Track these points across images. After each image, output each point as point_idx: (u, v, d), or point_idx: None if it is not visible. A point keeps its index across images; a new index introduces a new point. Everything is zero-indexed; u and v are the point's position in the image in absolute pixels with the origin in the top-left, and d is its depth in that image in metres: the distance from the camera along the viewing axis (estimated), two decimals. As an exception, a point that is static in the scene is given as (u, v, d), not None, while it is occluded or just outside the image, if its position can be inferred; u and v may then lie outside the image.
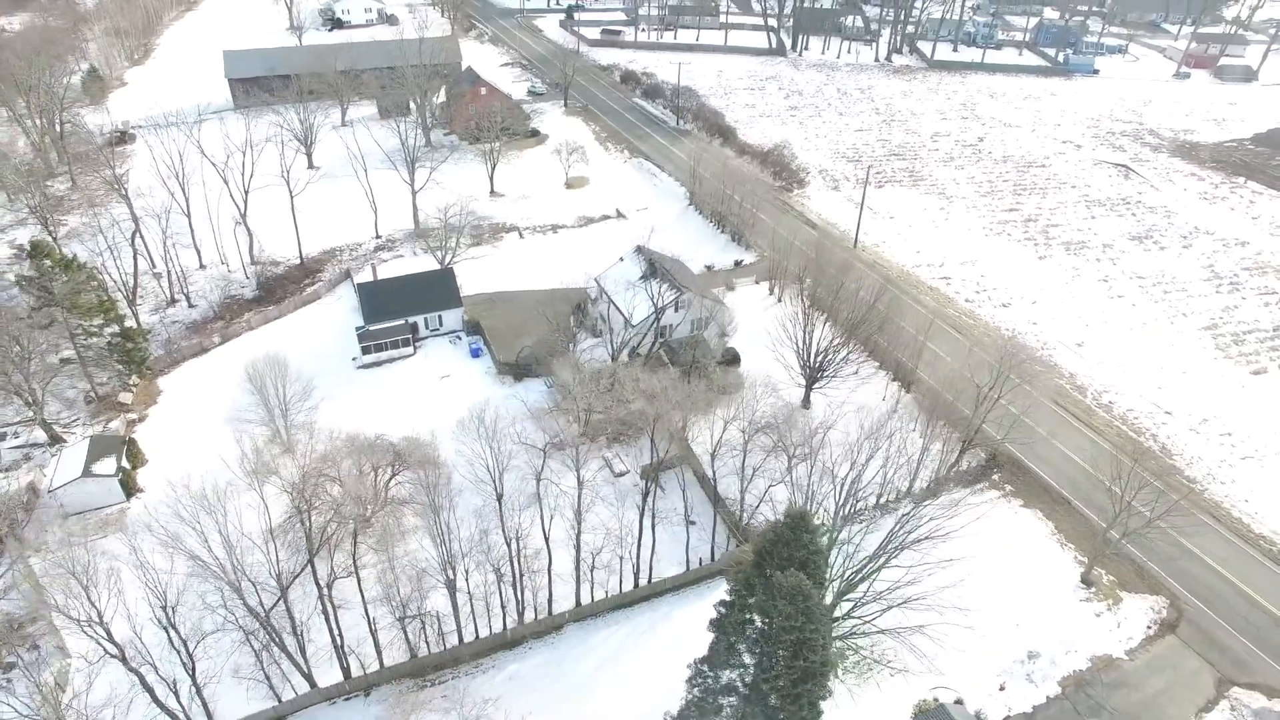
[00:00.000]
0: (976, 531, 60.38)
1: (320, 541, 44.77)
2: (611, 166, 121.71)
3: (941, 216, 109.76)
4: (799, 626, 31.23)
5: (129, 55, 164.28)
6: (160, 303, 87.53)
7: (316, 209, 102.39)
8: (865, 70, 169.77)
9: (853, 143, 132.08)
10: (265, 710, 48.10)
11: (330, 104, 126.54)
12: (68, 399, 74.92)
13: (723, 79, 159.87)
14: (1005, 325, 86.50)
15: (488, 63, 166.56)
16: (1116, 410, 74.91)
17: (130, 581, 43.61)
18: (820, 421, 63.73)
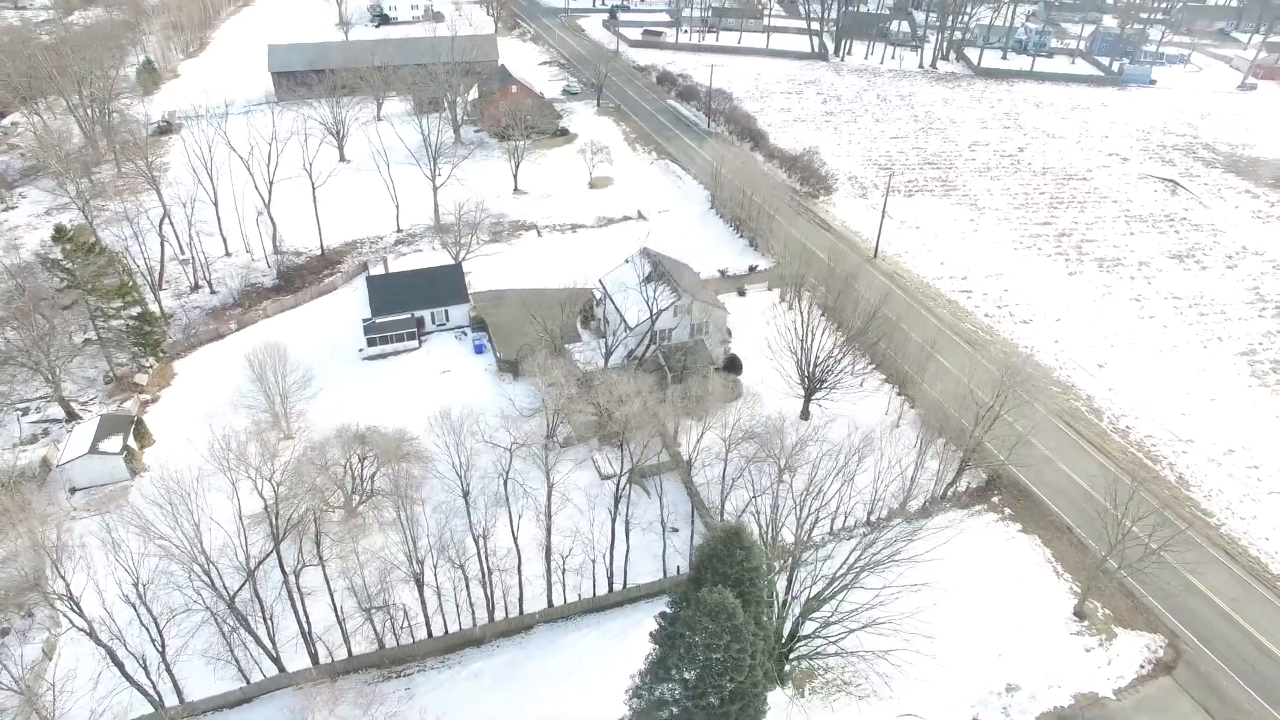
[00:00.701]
0: (967, 555, 58.62)
1: (286, 529, 45.45)
2: (637, 168, 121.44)
3: (970, 228, 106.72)
4: (724, 645, 30.47)
5: (184, 48, 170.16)
6: (185, 288, 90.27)
7: (343, 201, 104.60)
8: (908, 77, 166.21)
9: (886, 150, 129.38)
10: (233, 691, 49.08)
11: (368, 99, 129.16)
12: (89, 378, 77.81)
13: (760, 82, 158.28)
14: (1024, 342, 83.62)
15: (526, 61, 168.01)
16: (1133, 436, 71.73)
17: (105, 558, 44.84)
18: (809, 434, 62.52)
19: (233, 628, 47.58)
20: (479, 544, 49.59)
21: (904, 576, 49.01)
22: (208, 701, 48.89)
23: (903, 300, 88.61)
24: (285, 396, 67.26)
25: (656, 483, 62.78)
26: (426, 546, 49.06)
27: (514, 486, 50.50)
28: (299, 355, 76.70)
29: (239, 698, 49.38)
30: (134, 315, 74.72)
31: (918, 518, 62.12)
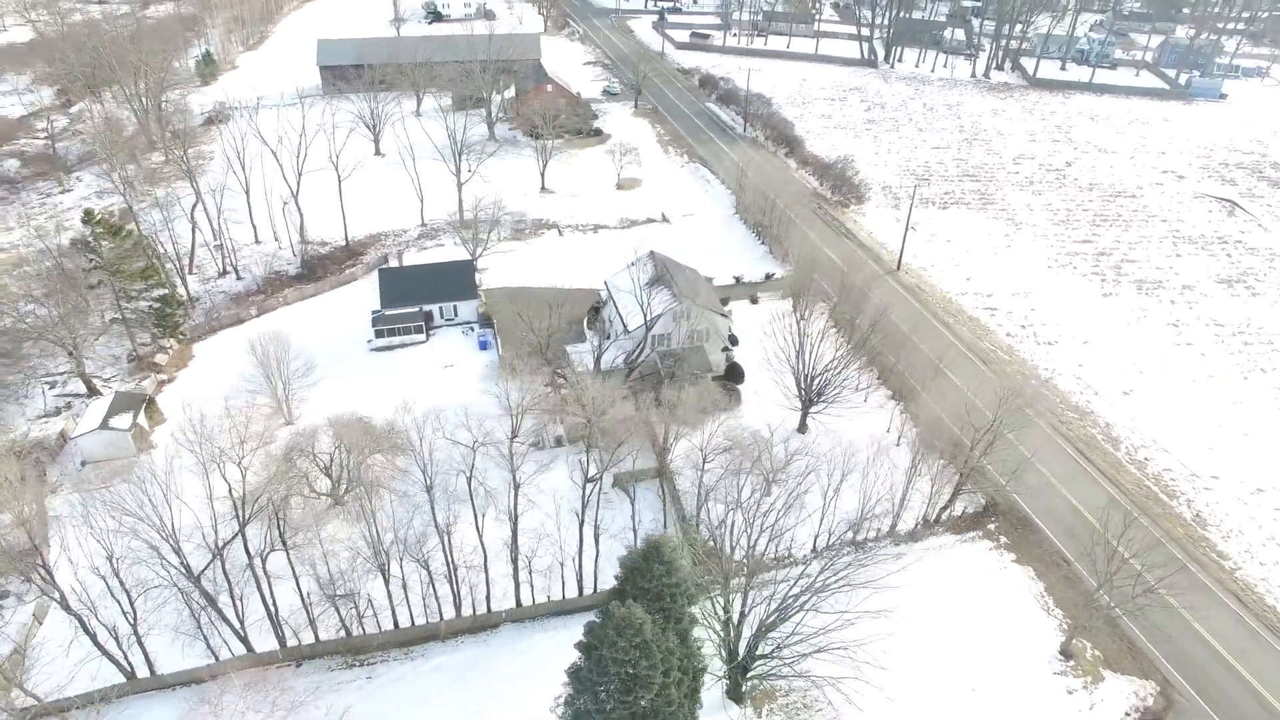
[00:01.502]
0: (954, 583, 56.59)
1: (252, 512, 46.42)
2: (667, 170, 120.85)
3: (1004, 243, 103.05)
4: (630, 661, 29.81)
5: (245, 41, 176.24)
6: (213, 273, 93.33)
7: (373, 194, 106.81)
8: (958, 86, 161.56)
9: (925, 160, 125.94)
10: (202, 667, 50.34)
11: (408, 94, 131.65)
12: (114, 356, 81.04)
13: (804, 88, 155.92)
14: (1045, 364, 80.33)
15: (571, 61, 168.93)
16: (1151, 469, 68.11)
17: (75, 531, 46.51)
18: (797, 448, 61.25)
19: (202, 606, 48.81)
20: (443, 539, 49.83)
21: (868, 601, 47.35)
22: (177, 675, 50.22)
23: (920, 315, 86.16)
24: (287, 383, 68.83)
25: (640, 488, 62.22)
26: (392, 538, 49.53)
27: (493, 485, 50.59)
28: (311, 343, 78.85)
29: (208, 674, 50.51)
30: (156, 297, 77.57)
31: (906, 540, 60.46)
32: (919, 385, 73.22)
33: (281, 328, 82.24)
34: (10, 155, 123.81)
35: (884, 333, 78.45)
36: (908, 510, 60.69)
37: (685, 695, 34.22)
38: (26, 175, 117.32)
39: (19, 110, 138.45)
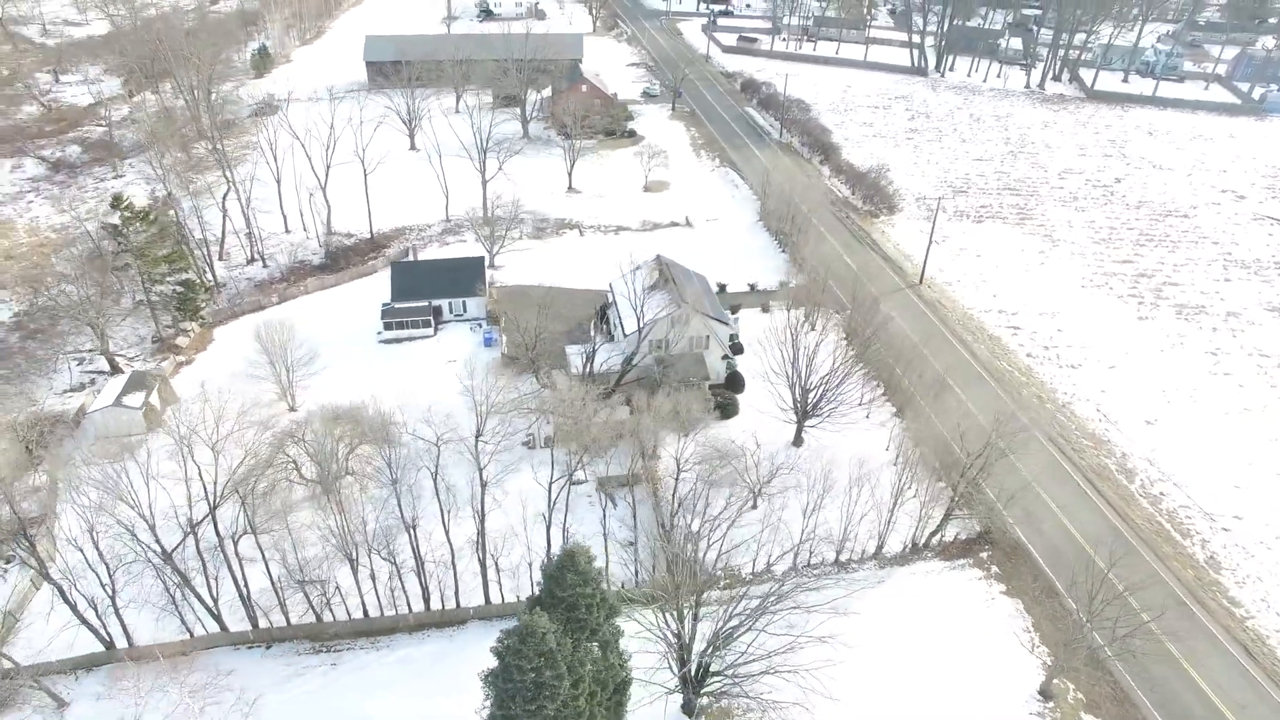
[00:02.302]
0: (935, 613, 54.46)
1: (221, 495, 47.56)
2: (697, 174, 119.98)
3: (1038, 260, 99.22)
4: (534, 669, 29.40)
5: (301, 36, 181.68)
6: (241, 260, 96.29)
7: (403, 188, 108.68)
8: (1010, 96, 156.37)
9: (965, 172, 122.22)
10: (176, 642, 51.84)
11: (448, 91, 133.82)
12: (140, 336, 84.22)
13: (848, 95, 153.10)
14: (1065, 388, 76.97)
15: (615, 62, 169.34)
16: (1165, 504, 64.54)
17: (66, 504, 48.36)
18: (783, 463, 59.99)
19: (177, 584, 50.22)
20: (410, 533, 50.27)
21: (824, 625, 46.00)
22: (149, 649, 51.71)
23: (937, 331, 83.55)
24: (291, 370, 70.45)
25: (628, 493, 61.73)
26: (362, 529, 50.17)
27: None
28: (324, 332, 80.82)
29: (180, 649, 52.03)
30: (179, 282, 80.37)
31: (892, 564, 58.64)
32: (925, 404, 70.98)
33: (296, 316, 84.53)
34: (74, 141, 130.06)
35: (894, 348, 76.76)
36: (895, 533, 58.80)
37: (602, 706, 33.66)
38: (85, 161, 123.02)
39: (87, 99, 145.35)
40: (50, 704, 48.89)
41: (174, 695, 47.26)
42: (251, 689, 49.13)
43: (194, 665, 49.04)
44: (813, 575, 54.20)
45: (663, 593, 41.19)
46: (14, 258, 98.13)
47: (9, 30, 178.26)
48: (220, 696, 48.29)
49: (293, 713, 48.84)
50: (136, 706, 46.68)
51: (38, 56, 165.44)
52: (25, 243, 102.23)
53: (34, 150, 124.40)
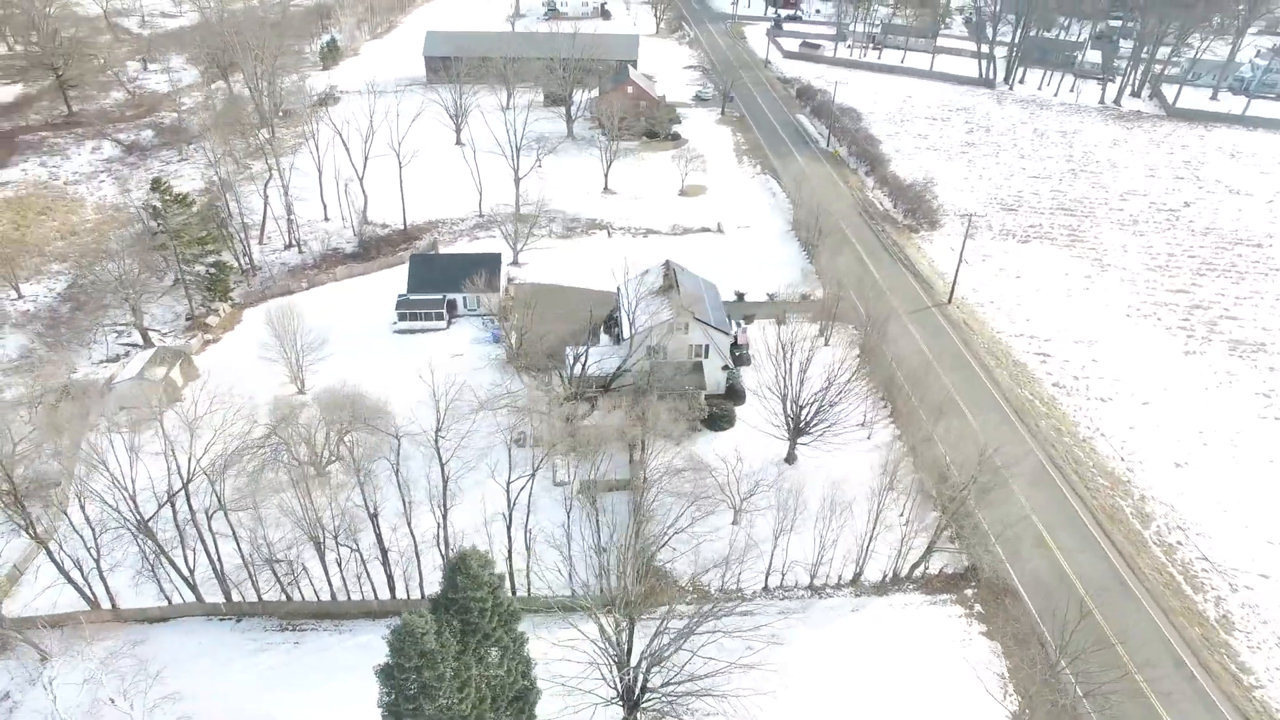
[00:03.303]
0: (903, 648, 52.15)
1: (193, 471, 49.36)
2: (737, 179, 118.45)
3: (1082, 285, 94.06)
4: (414, 668, 29.32)
5: (372, 30, 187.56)
6: (280, 245, 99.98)
7: (443, 181, 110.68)
8: (1081, 112, 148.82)
9: (1019, 190, 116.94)
10: (154, 608, 54.12)
11: (500, 87, 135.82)
12: (176, 314, 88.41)
13: (907, 105, 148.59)
14: (1089, 422, 72.72)
15: (673, 64, 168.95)
16: (1180, 555, 60.15)
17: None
18: (762, 479, 58.52)
19: (156, 553, 52.39)
20: (374, 521, 51.11)
21: (765, 653, 44.51)
22: (134, 612, 54.22)
23: (958, 353, 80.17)
24: (300, 354, 72.67)
25: (609, 499, 61.41)
26: (330, 514, 51.28)
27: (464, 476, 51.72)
28: (344, 319, 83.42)
29: (159, 615, 54.32)
30: (212, 263, 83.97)
31: (870, 592, 56.53)
32: (931, 428, 68.04)
33: (321, 301, 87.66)
34: (149, 126, 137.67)
35: (908, 368, 74.22)
36: (876, 561, 56.59)
37: (496, 713, 33.33)
38: (155, 145, 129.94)
39: (167, 87, 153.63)
40: (34, 655, 51.68)
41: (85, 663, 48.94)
42: (179, 660, 50.74)
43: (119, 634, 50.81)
44: (823, 598, 52.58)
45: (591, 602, 40.64)
46: (78, 233, 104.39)
47: (111, 22, 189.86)
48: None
49: (254, 686, 50.24)
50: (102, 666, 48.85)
51: (132, 46, 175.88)
52: (90, 220, 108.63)
53: (112, 133, 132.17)
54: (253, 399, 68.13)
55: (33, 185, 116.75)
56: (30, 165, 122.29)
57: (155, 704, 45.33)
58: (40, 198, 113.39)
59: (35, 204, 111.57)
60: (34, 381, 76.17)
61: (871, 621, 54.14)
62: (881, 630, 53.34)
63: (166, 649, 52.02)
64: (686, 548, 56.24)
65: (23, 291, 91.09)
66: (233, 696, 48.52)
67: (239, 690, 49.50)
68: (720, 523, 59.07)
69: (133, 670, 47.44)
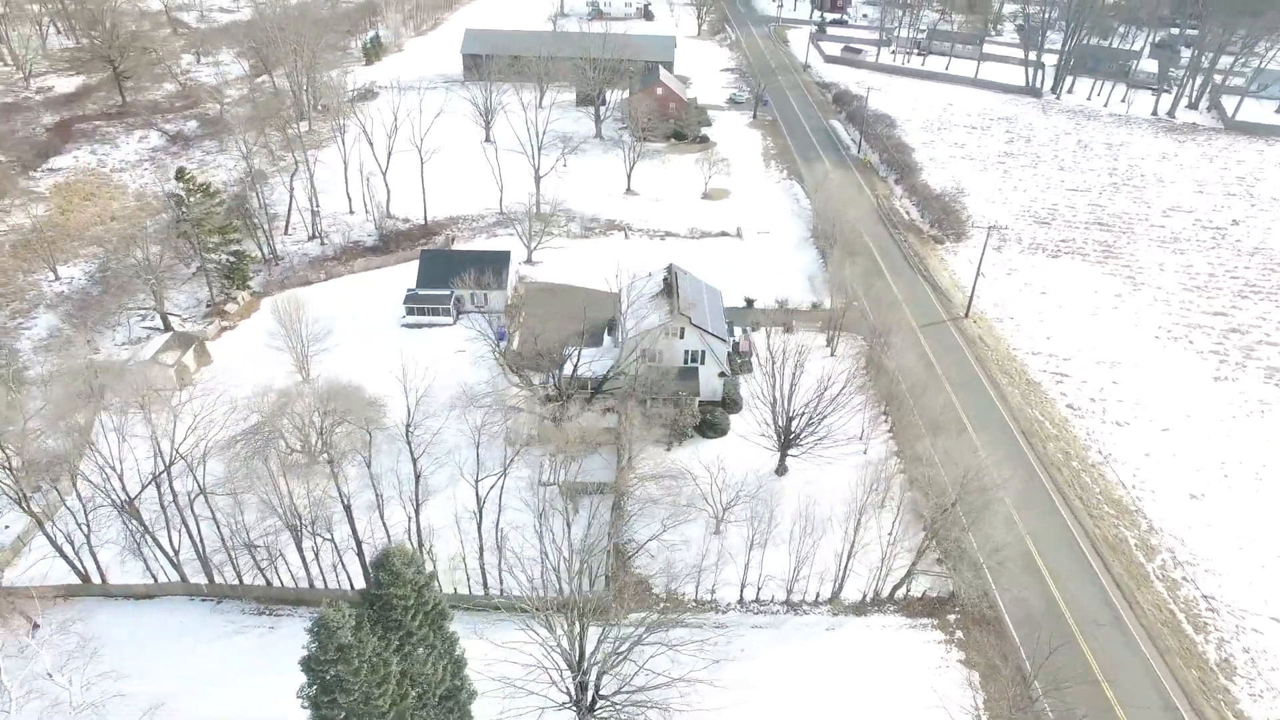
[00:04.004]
0: (873, 672, 50.64)
1: (173, 457, 50.62)
2: (762, 184, 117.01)
3: (1111, 304, 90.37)
4: (329, 660, 29.46)
5: (417, 27, 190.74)
6: (304, 236, 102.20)
7: (468, 177, 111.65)
8: (1130, 124, 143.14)
9: (1054, 203, 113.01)
10: (139, 585, 55.70)
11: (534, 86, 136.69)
12: (198, 300, 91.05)
13: (947, 112, 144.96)
14: (1102, 446, 69.76)
15: (710, 66, 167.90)
16: (1184, 592, 57.20)
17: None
18: (741, 490, 57.46)
19: (142, 531, 53.90)
20: (348, 513, 51.74)
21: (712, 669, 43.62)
22: (121, 588, 55.90)
23: (970, 370, 77.81)
24: (305, 344, 74.08)
25: (590, 501, 61.10)
26: (308, 505, 52.09)
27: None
28: (354, 311, 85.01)
29: (144, 592, 55.88)
30: (231, 252, 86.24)
31: (847, 612, 55.11)
32: (929, 446, 66.03)
33: (335, 293, 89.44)
34: (195, 117, 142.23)
35: (914, 382, 72.17)
36: (856, 579, 55.13)
37: (424, 710, 33.29)
38: (198, 135, 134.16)
39: (215, 80, 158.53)
40: (24, 625, 53.62)
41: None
42: (159, 639, 52.22)
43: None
44: (799, 615, 51.75)
45: (545, 604, 40.42)
46: (118, 219, 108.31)
47: (171, 16, 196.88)
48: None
49: (225, 668, 51.28)
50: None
51: (188, 40, 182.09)
52: (130, 206, 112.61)
53: (159, 124, 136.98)
54: (256, 386, 69.90)
55: (81, 172, 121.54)
56: (82, 153, 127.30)
57: (92, 681, 46.27)
58: (86, 184, 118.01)
59: (81, 190, 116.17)
60: (58, 361, 79.17)
61: (847, 642, 52.76)
62: (856, 651, 51.93)
63: (146, 627, 53.48)
64: (662, 555, 55.74)
65: (59, 274, 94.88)
66: (202, 679, 49.50)
67: (210, 671, 50.49)
68: (694, 533, 58.10)
69: (75, 646, 48.66)
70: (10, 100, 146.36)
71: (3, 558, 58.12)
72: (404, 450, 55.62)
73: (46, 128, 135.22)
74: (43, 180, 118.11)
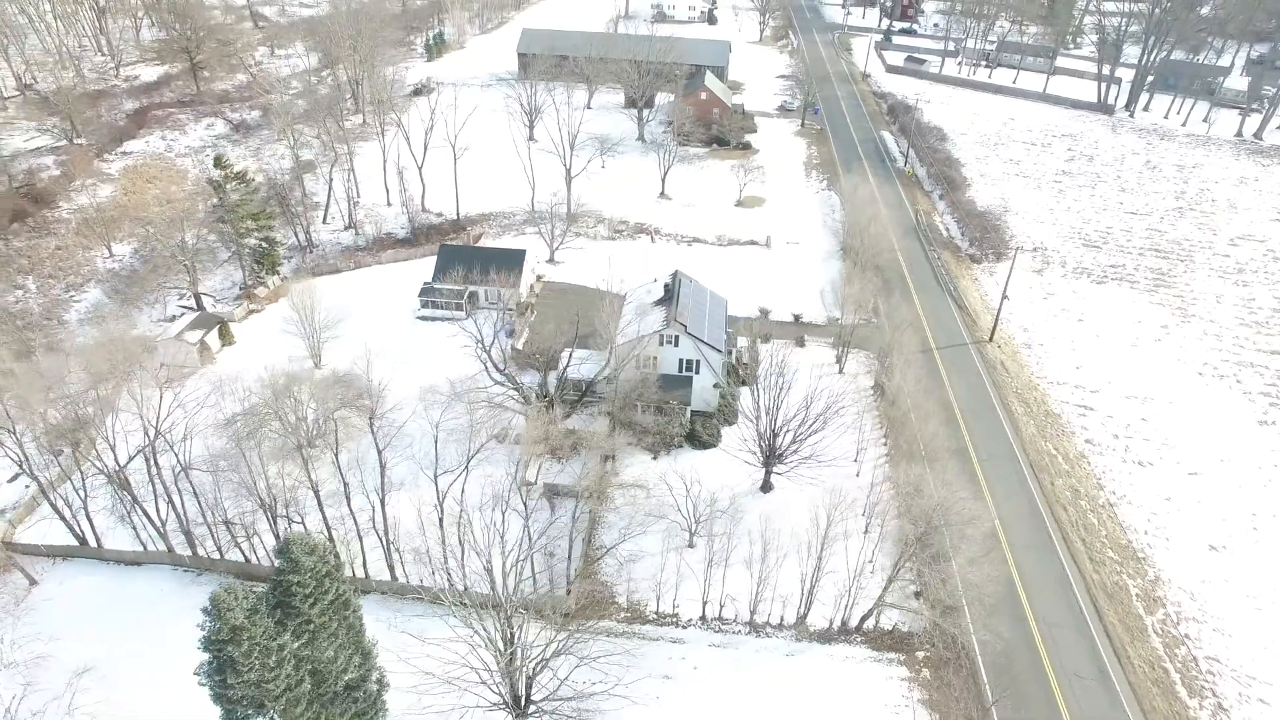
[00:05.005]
0: (824, 709, 48.63)
1: (156, 433, 52.73)
2: (800, 194, 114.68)
3: (1155, 335, 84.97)
4: (221, 640, 30.02)
5: (483, 25, 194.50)
6: (340, 226, 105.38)
7: (504, 175, 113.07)
8: (1208, 145, 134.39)
9: (1108, 226, 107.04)
10: (129, 552, 58.29)
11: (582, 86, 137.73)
12: (234, 282, 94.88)
13: (1007, 128, 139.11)
14: (1117, 487, 65.62)
15: (766, 72, 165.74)
16: (1183, 651, 53.10)
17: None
18: (715, 506, 56.20)
19: (130, 502, 56.37)
20: (318, 498, 52.91)
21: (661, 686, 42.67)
22: (113, 553, 58.59)
23: (984, 396, 74.38)
24: (318, 331, 76.28)
25: (570, 503, 61.04)
26: (283, 488, 53.58)
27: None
28: (374, 301, 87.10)
29: (133, 559, 58.42)
30: (263, 238, 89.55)
31: (812, 639, 53.32)
32: (929, 474, 63.29)
33: (360, 282, 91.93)
34: (259, 107, 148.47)
35: (923, 406, 69.26)
36: (824, 606, 53.28)
37: (323, 698, 33.54)
38: (259, 124, 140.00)
39: (286, 71, 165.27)
40: (23, 581, 56.84)
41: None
42: (139, 605, 54.37)
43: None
44: (761, 638, 50.70)
45: (476, 601, 40.41)
46: (173, 201, 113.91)
47: (254, 10, 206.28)
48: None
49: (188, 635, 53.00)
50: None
51: (266, 34, 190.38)
52: (188, 190, 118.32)
53: (225, 113, 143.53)
54: (267, 368, 72.20)
55: (150, 156, 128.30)
56: (153, 138, 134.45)
57: (18, 642, 48.66)
58: (152, 168, 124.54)
59: (146, 173, 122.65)
60: (99, 333, 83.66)
61: (804, 669, 51.01)
62: (811, 680, 50.15)
63: (131, 592, 55.87)
64: (629, 565, 55.14)
65: (113, 251, 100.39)
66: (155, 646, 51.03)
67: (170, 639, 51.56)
68: (660, 545, 56.96)
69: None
70: (101, 88, 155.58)
71: (16, 516, 61.79)
72: (398, 441, 56.81)
73: (126, 114, 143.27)
74: (115, 163, 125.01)
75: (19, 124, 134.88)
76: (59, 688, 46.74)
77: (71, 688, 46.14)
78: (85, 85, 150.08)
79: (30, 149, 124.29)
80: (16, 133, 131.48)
